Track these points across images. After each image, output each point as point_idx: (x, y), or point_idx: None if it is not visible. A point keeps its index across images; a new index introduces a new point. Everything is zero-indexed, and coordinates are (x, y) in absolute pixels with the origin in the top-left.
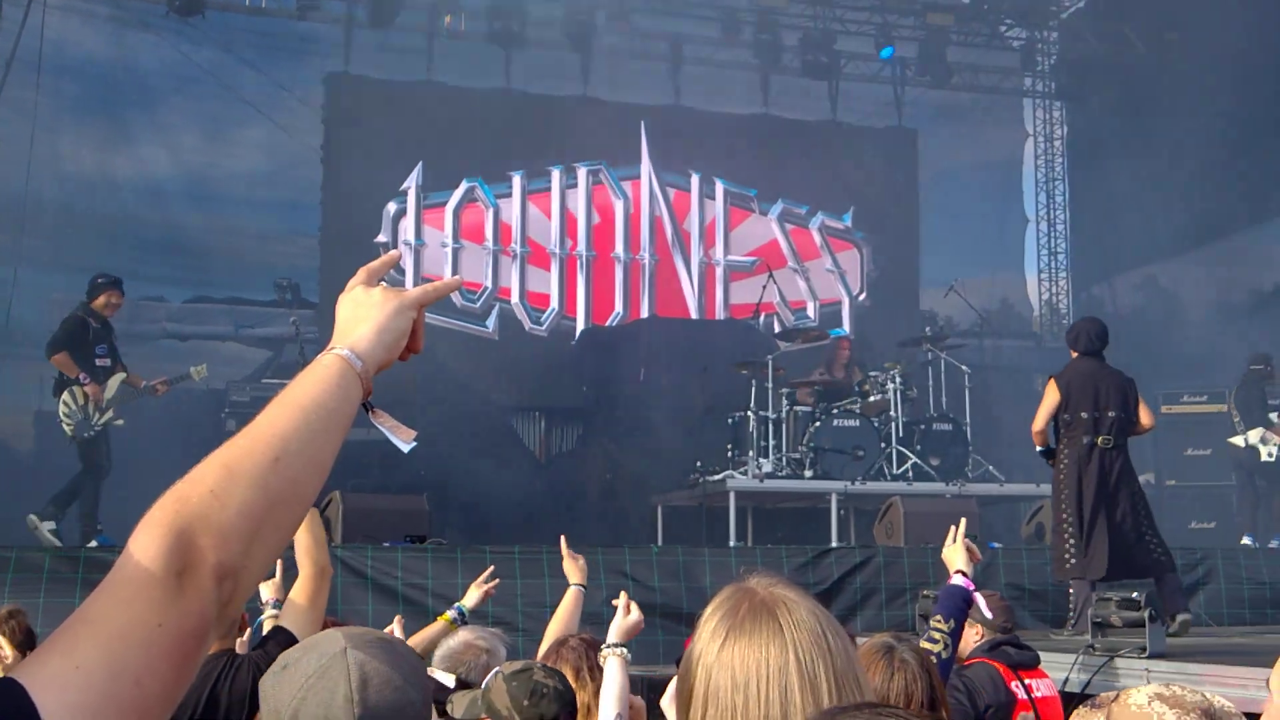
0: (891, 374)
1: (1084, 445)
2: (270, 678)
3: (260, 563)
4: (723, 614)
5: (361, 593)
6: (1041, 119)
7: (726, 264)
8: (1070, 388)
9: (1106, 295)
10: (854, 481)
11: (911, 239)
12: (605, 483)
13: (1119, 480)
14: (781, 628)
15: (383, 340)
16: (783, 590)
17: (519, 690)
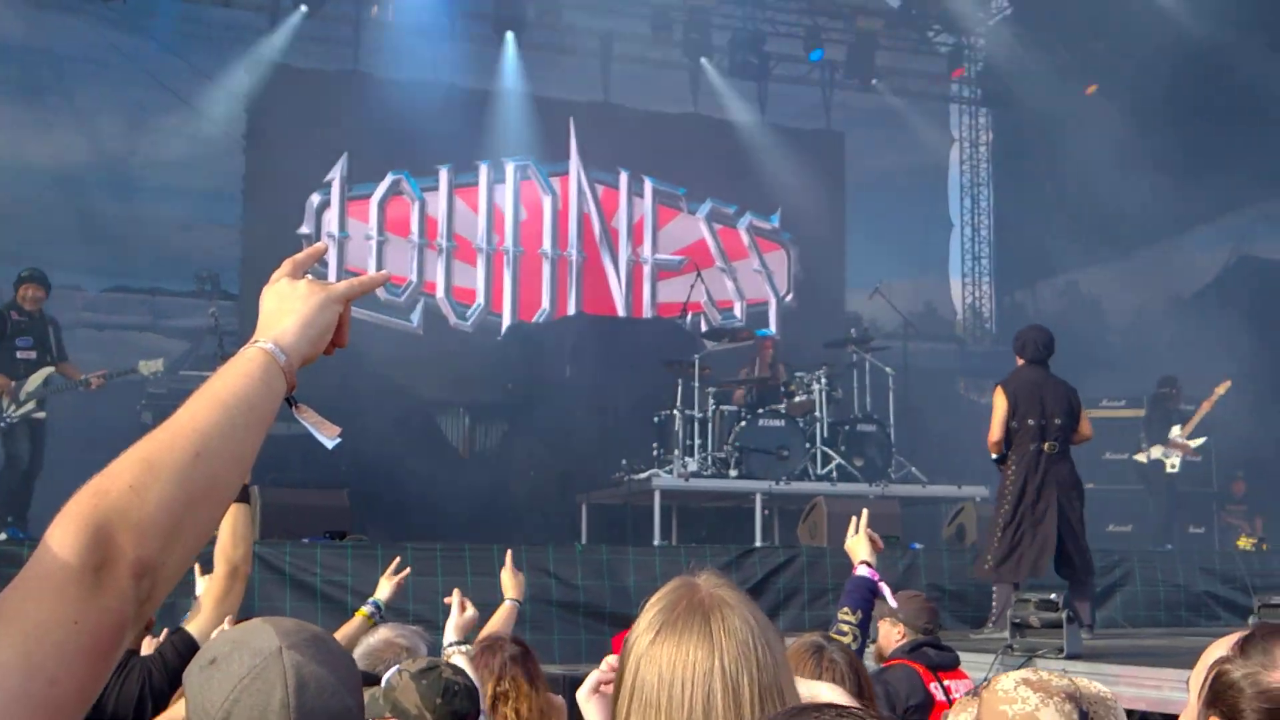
0: (817, 375)
1: (1031, 452)
2: (197, 673)
3: (180, 559)
4: (660, 608)
5: (279, 590)
6: (967, 125)
7: (654, 262)
8: (1018, 396)
9: (1029, 300)
10: (778, 481)
11: (838, 241)
12: (529, 480)
13: (1065, 485)
14: (711, 633)
15: (307, 334)
16: (724, 593)
17: (430, 689)
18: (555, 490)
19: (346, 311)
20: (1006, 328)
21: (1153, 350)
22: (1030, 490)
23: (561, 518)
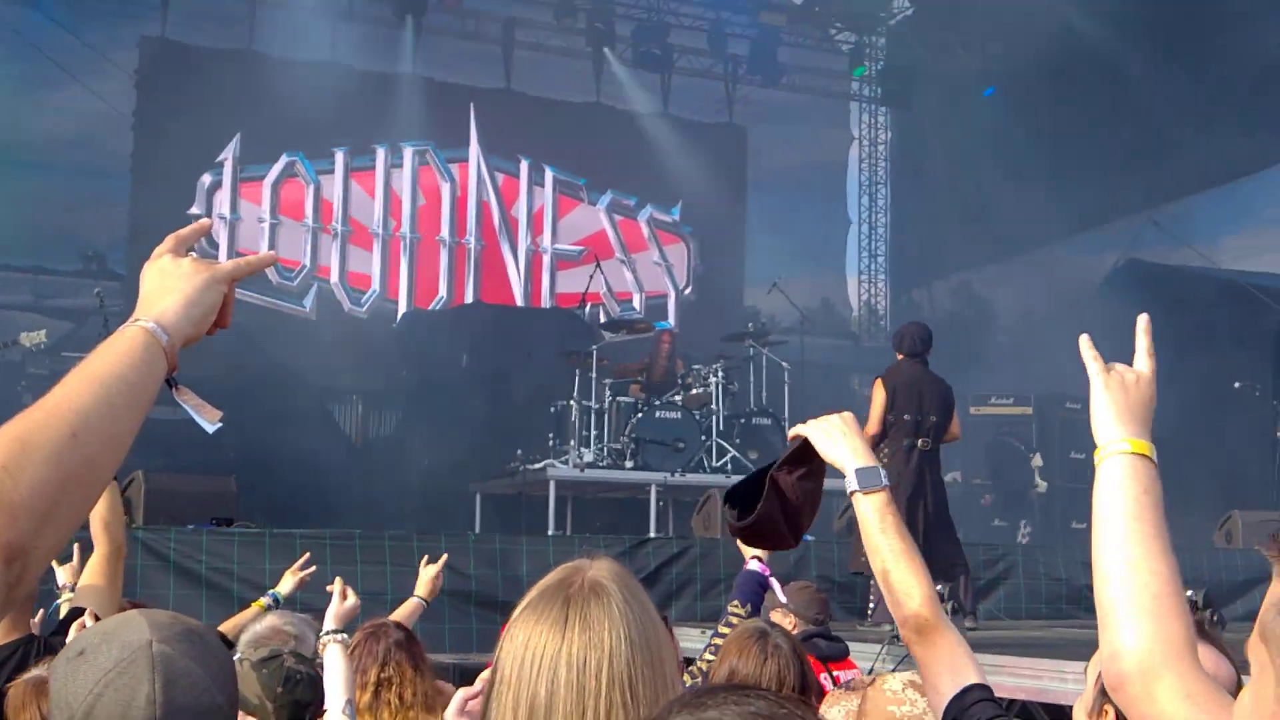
0: (714, 368)
1: (904, 447)
2: (64, 665)
3: (53, 542)
4: (536, 588)
5: (163, 576)
6: (867, 123)
7: (554, 252)
8: (896, 390)
9: (923, 299)
10: (674, 473)
11: (738, 235)
12: (423, 469)
13: (933, 483)
14: (567, 619)
15: (190, 314)
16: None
17: (271, 678)
18: (449, 479)
19: (231, 291)
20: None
21: (1042, 349)
22: (906, 487)
23: (455, 507)
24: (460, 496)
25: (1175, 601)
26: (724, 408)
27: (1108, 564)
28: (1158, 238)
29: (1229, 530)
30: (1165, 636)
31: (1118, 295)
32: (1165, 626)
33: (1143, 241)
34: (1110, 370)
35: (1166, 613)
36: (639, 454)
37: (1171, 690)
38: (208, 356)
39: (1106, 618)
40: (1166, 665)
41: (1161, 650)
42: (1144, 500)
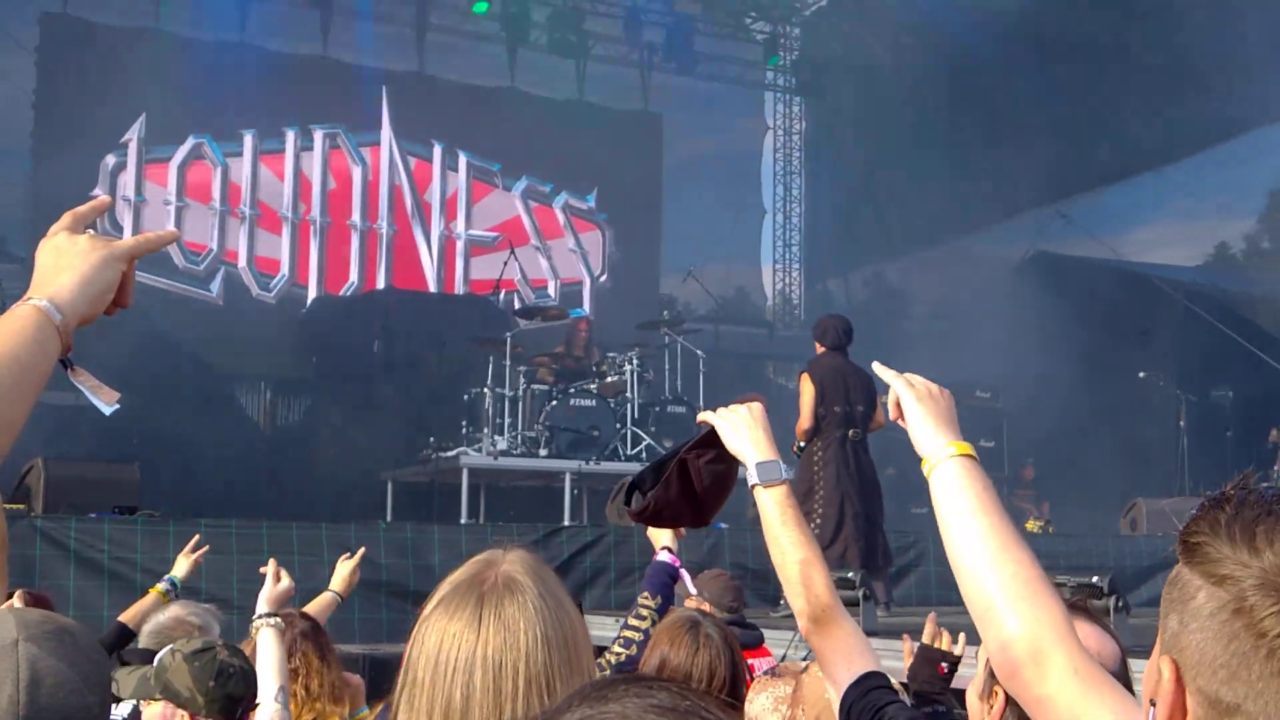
0: (629, 356)
1: (838, 439)
2: None
3: None
4: (446, 584)
5: (63, 566)
6: (781, 113)
7: (467, 238)
8: (823, 382)
9: (837, 289)
10: (589, 461)
11: (653, 223)
12: (333, 457)
13: (867, 472)
14: (482, 617)
15: (86, 292)
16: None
17: (203, 671)
18: (359, 467)
19: (130, 270)
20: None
21: (952, 339)
22: (842, 478)
23: (366, 495)
24: (371, 485)
25: (1045, 584)
26: (639, 396)
27: (973, 562)
28: (1066, 230)
29: (1134, 517)
30: (1046, 619)
31: (1027, 286)
32: (1043, 609)
33: (1051, 234)
34: (913, 385)
35: (1041, 596)
36: (553, 442)
37: (1061, 668)
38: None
39: (987, 613)
40: (1054, 645)
41: (1046, 632)
42: (985, 496)
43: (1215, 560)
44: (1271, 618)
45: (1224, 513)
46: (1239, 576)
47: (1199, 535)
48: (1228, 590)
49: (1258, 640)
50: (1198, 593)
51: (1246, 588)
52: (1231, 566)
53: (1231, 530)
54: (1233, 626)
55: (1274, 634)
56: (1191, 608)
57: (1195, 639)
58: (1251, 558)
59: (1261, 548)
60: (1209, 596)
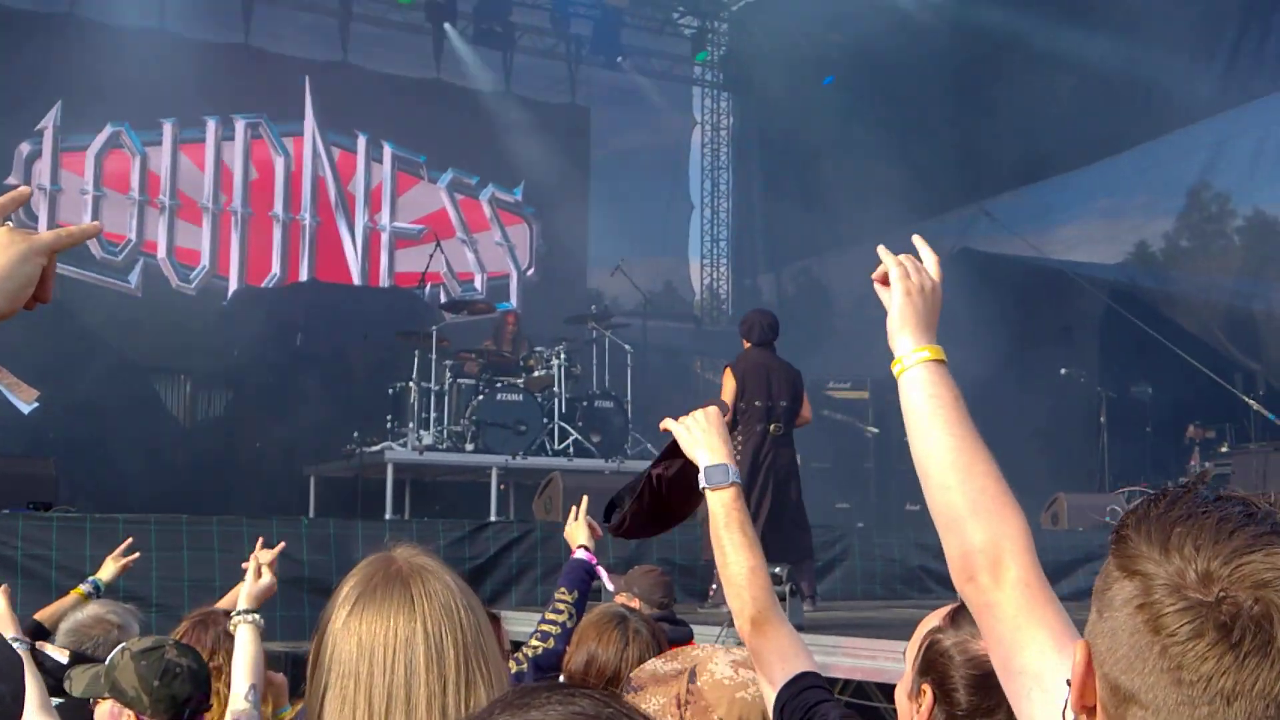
0: (556, 350)
1: (758, 433)
2: None
3: None
4: (356, 582)
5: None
6: (709, 108)
7: (392, 230)
8: (745, 377)
9: (765, 284)
10: (515, 456)
11: (581, 217)
12: (255, 451)
13: (787, 467)
14: (413, 598)
15: (4, 287)
16: (422, 561)
17: (149, 670)
18: (282, 462)
19: (51, 264)
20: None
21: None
22: (761, 472)
23: (288, 490)
24: (293, 480)
25: (1009, 498)
26: (566, 390)
27: (942, 472)
28: (990, 228)
29: (1055, 512)
30: (1009, 531)
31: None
32: (1008, 522)
33: (975, 231)
34: (907, 276)
35: (1005, 509)
36: (479, 437)
37: (1014, 579)
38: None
39: (953, 522)
40: (1012, 556)
41: (1008, 545)
42: (958, 405)
43: (1132, 555)
44: (1170, 616)
45: (1154, 509)
46: (1149, 573)
47: (1127, 528)
48: (1136, 585)
49: (1154, 636)
50: (1114, 584)
51: (1154, 585)
52: (1145, 563)
53: (1151, 529)
54: (1135, 620)
55: (1168, 631)
56: (1107, 597)
57: (1106, 626)
58: (1163, 558)
59: (1172, 550)
60: (1121, 588)
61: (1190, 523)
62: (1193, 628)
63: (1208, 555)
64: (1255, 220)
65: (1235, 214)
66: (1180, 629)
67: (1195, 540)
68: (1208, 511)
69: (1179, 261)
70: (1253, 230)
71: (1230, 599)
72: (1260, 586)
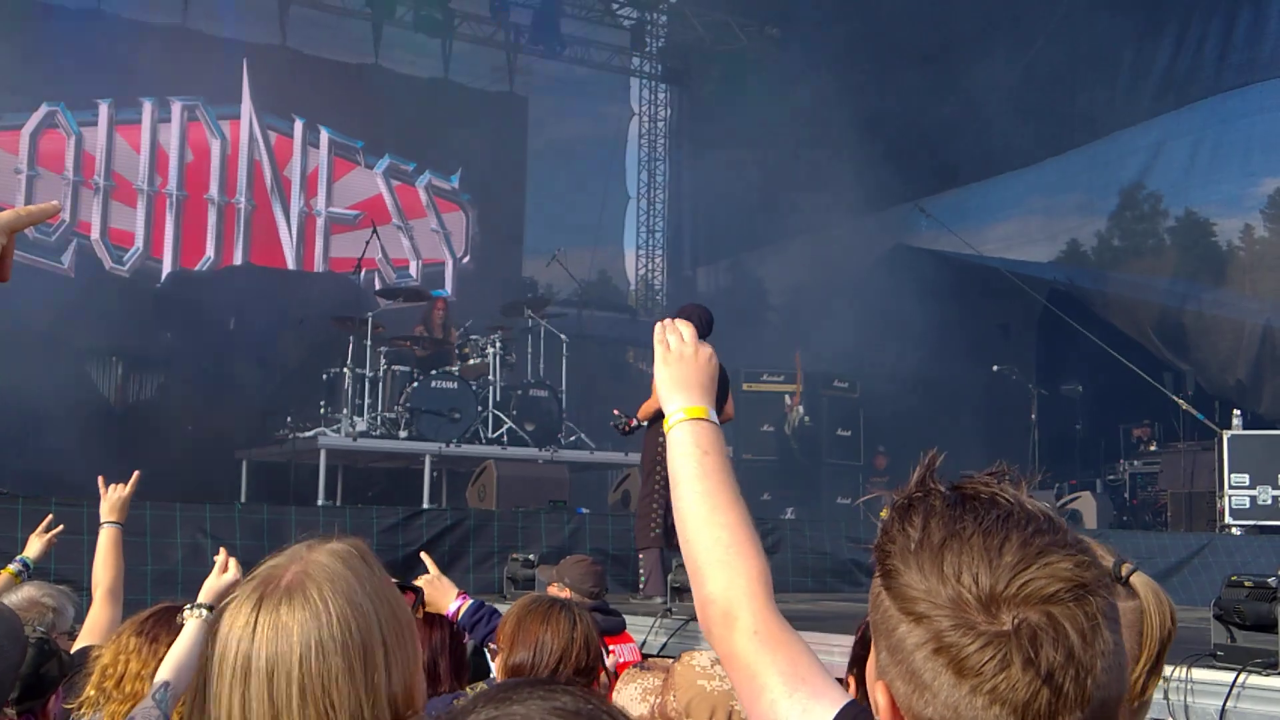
0: (492, 338)
1: None
2: None
3: None
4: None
5: None
6: (647, 99)
7: (328, 216)
8: None
9: (703, 276)
10: (449, 443)
11: (517, 205)
12: (187, 435)
13: None
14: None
15: None
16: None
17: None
18: (214, 447)
19: (10, 244)
20: (677, 301)
21: (812, 330)
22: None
23: (220, 475)
24: (226, 465)
25: (746, 547)
26: (501, 379)
27: (688, 524)
28: (926, 225)
29: None
30: (739, 581)
31: (886, 279)
32: (738, 572)
33: (912, 229)
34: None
35: (737, 559)
36: (413, 424)
37: (744, 628)
38: None
39: (694, 574)
40: (740, 606)
41: (737, 594)
42: (706, 461)
43: (909, 597)
44: (971, 655)
45: (913, 529)
46: (934, 615)
47: (891, 559)
48: (925, 630)
49: (959, 678)
50: (898, 625)
51: (943, 628)
52: (925, 605)
53: (920, 557)
54: (936, 663)
55: (973, 671)
56: (895, 639)
57: (903, 669)
58: (940, 585)
59: (948, 579)
60: (910, 632)
61: (954, 545)
62: (997, 662)
63: (986, 578)
64: (1186, 221)
65: (1168, 214)
66: (985, 666)
67: (970, 566)
68: (964, 524)
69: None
70: (1184, 230)
71: (1025, 623)
72: (1047, 601)
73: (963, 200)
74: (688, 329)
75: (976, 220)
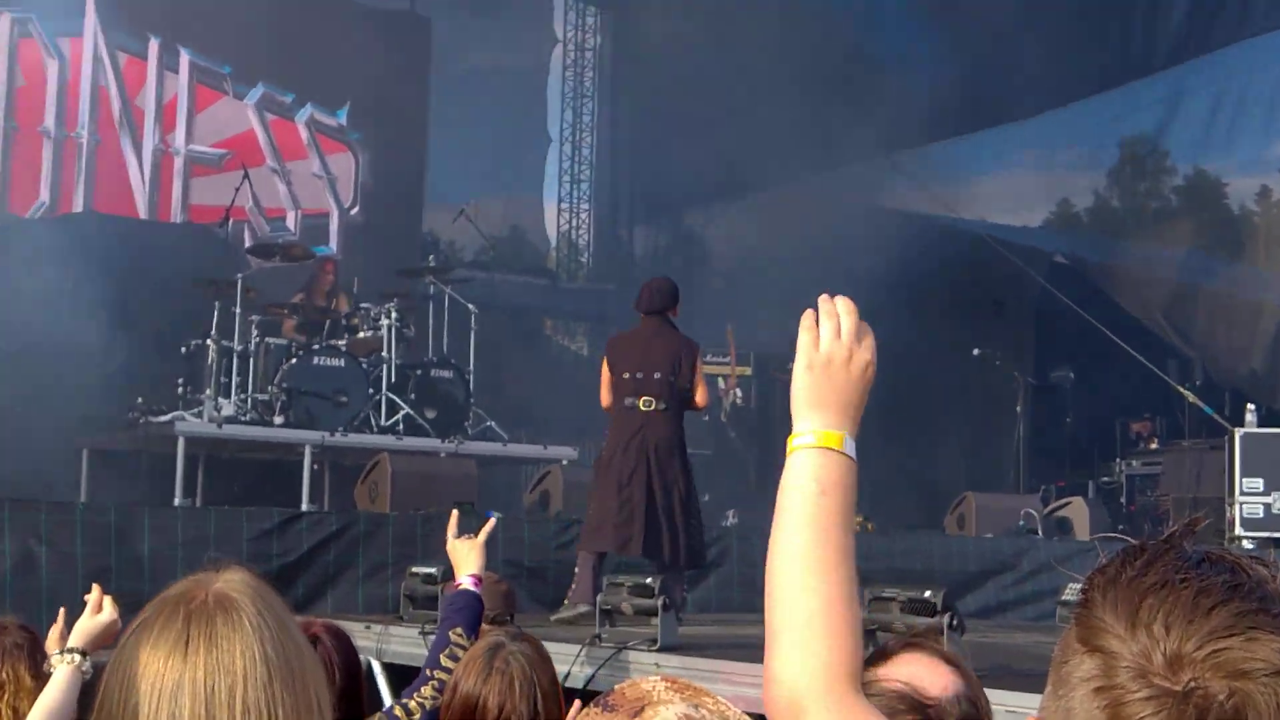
0: (386, 308)
1: (625, 408)
2: None
3: None
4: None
5: None
6: (574, 24)
7: (188, 155)
8: (616, 347)
9: (639, 237)
10: (334, 432)
11: (418, 148)
12: (14, 417)
13: (662, 451)
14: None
15: None
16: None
17: None
18: (48, 432)
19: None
20: (606, 264)
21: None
22: (619, 451)
23: (56, 467)
24: (64, 455)
25: (838, 624)
26: (397, 355)
27: (775, 582)
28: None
29: (962, 514)
30: (815, 669)
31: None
32: (818, 658)
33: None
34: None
35: (822, 640)
36: (291, 407)
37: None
38: None
39: (770, 641)
40: (813, 701)
41: (809, 684)
42: (821, 503)
43: (1095, 627)
44: (1133, 704)
45: (1126, 571)
46: (1113, 651)
47: (1092, 592)
48: (1097, 663)
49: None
50: (1073, 657)
51: (1117, 666)
52: (1108, 639)
53: (1119, 597)
54: (1093, 704)
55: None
56: (1064, 672)
57: (1061, 705)
58: (1129, 634)
59: (1140, 625)
60: (1080, 664)
61: (1164, 593)
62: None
63: (1179, 635)
64: (1196, 181)
65: (1175, 171)
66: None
67: (1167, 616)
68: (1186, 580)
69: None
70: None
71: (1201, 690)
72: (1237, 676)
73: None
74: (849, 318)
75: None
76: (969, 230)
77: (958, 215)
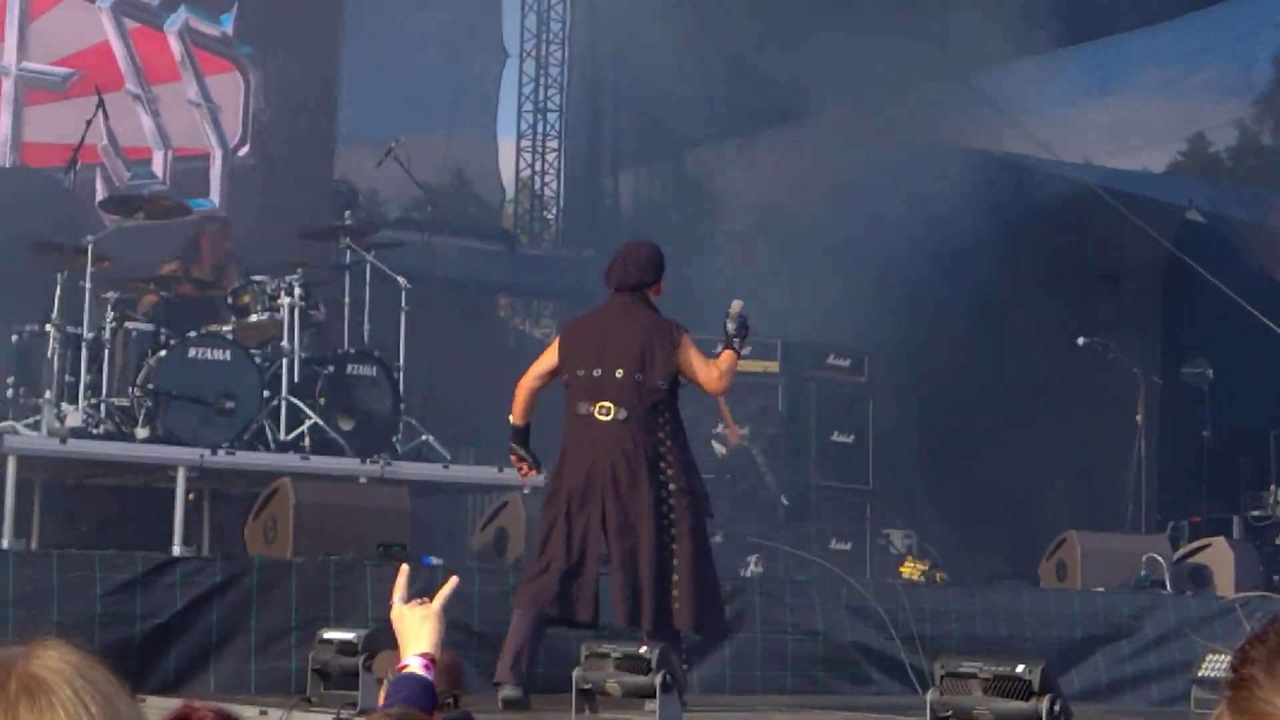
0: (288, 282)
1: (579, 417)
2: None
3: None
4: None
5: None
6: None
7: (20, 75)
8: (571, 335)
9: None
10: (216, 449)
11: (329, 67)
12: None
13: (631, 470)
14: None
15: None
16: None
17: None
18: None
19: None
20: (581, 222)
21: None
22: (571, 475)
23: None
24: None
25: None
26: (301, 346)
27: None
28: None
29: (1062, 560)
30: None
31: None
32: None
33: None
34: None
35: None
36: (159, 416)
37: None
38: None
39: None
40: None
41: None
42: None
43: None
44: None
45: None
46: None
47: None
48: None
49: None
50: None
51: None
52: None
53: None
54: None
55: None
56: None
57: None
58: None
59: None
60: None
61: None
62: None
63: None
64: None
65: None
66: None
67: None
68: None
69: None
70: None
71: None
72: None
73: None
74: None
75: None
76: (1070, 177)
77: (1055, 156)
